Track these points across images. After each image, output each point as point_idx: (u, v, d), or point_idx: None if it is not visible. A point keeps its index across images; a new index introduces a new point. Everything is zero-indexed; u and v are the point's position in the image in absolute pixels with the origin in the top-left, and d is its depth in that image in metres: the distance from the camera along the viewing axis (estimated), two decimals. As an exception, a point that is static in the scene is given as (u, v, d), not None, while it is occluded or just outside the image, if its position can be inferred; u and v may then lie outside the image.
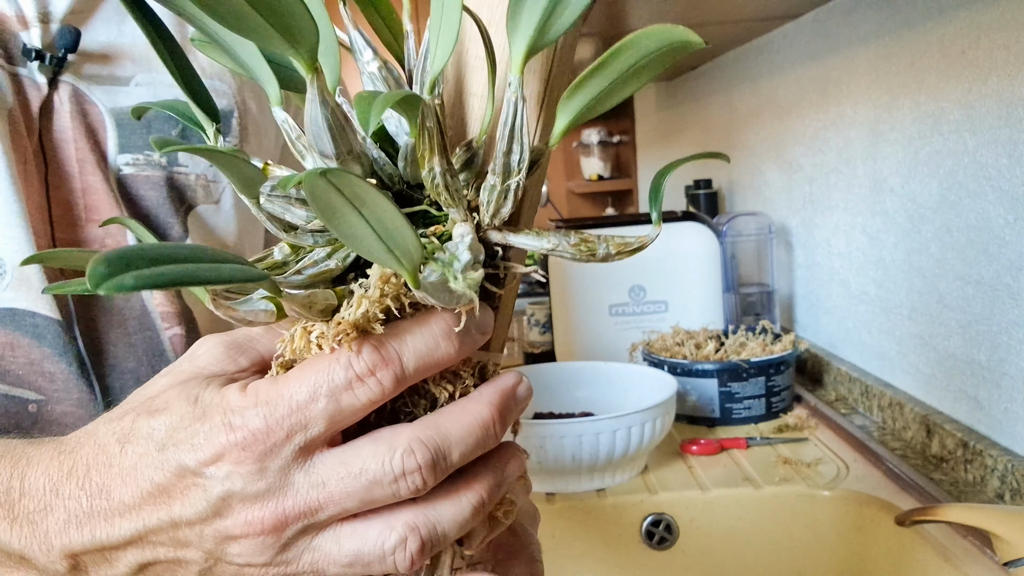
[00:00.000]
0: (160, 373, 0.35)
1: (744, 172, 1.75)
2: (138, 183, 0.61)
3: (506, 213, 0.31)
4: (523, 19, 0.27)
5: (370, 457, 0.31)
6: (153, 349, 0.60)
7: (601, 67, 0.27)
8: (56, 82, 0.58)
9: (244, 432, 0.30)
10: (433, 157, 0.30)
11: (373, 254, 0.27)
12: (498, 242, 0.32)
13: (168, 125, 0.62)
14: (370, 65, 0.33)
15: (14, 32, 0.57)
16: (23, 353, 0.55)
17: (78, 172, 0.58)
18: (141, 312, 0.60)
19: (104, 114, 0.60)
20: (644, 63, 0.27)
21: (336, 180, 0.24)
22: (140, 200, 0.61)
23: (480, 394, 0.33)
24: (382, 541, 0.32)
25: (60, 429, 0.57)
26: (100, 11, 0.61)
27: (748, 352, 1.24)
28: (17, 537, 0.35)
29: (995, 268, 0.90)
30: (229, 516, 0.31)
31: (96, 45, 0.60)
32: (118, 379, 0.59)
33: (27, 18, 0.57)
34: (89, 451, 0.34)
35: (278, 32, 0.26)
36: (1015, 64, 0.84)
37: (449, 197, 0.30)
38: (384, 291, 0.30)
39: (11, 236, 0.55)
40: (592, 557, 1.01)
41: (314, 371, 0.31)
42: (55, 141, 0.58)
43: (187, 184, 0.63)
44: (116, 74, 0.61)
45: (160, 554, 0.33)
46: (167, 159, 0.62)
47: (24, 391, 0.56)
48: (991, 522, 0.64)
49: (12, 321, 0.55)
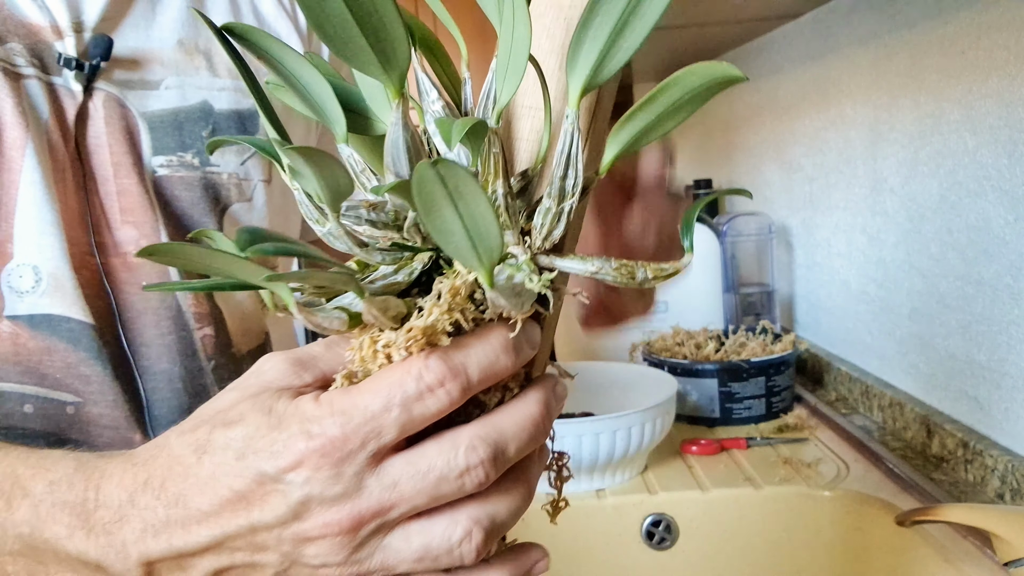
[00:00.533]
0: (227, 388, 0.37)
1: (744, 172, 1.75)
2: (173, 184, 0.62)
3: (558, 235, 0.34)
4: (580, 63, 0.31)
5: (436, 456, 0.33)
6: (186, 349, 0.62)
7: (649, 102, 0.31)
8: (91, 89, 0.59)
9: (322, 439, 0.32)
10: (496, 180, 0.33)
11: (459, 251, 0.29)
12: (546, 265, 0.34)
13: (199, 127, 0.63)
14: (435, 104, 0.36)
15: (49, 42, 0.58)
16: (60, 357, 0.57)
17: (113, 175, 0.60)
18: (176, 312, 0.61)
19: (137, 117, 0.61)
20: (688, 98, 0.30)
21: (444, 171, 0.26)
22: (175, 201, 0.62)
23: (528, 395, 0.36)
24: (448, 535, 0.34)
25: (97, 430, 0.58)
26: (129, 17, 0.62)
27: (748, 352, 1.24)
28: (94, 547, 0.36)
29: (995, 268, 0.90)
30: (308, 519, 0.33)
31: (126, 51, 0.61)
32: (151, 380, 0.60)
33: (61, 28, 0.58)
34: (164, 462, 0.35)
35: (377, 56, 0.30)
36: (1015, 64, 0.84)
37: (508, 219, 0.33)
38: (452, 304, 0.32)
39: (45, 244, 0.56)
40: (592, 557, 1.01)
41: (387, 383, 0.32)
42: (90, 147, 0.59)
43: (220, 183, 0.64)
44: (146, 78, 0.62)
45: (237, 559, 0.35)
46: (199, 159, 0.63)
47: (62, 393, 0.57)
48: (991, 522, 0.64)
49: (48, 326, 0.56)
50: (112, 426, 0.58)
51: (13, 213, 0.56)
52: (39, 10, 0.58)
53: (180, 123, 0.62)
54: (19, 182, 0.56)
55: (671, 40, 1.52)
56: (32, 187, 0.56)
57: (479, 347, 0.33)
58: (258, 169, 0.66)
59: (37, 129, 0.56)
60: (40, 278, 0.56)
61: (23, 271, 0.56)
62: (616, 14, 0.29)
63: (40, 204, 0.56)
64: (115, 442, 0.59)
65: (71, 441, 0.58)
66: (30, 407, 0.56)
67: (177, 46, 0.63)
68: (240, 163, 0.65)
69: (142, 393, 0.60)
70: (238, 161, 0.65)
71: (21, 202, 0.56)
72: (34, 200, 0.56)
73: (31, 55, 0.57)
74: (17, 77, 0.56)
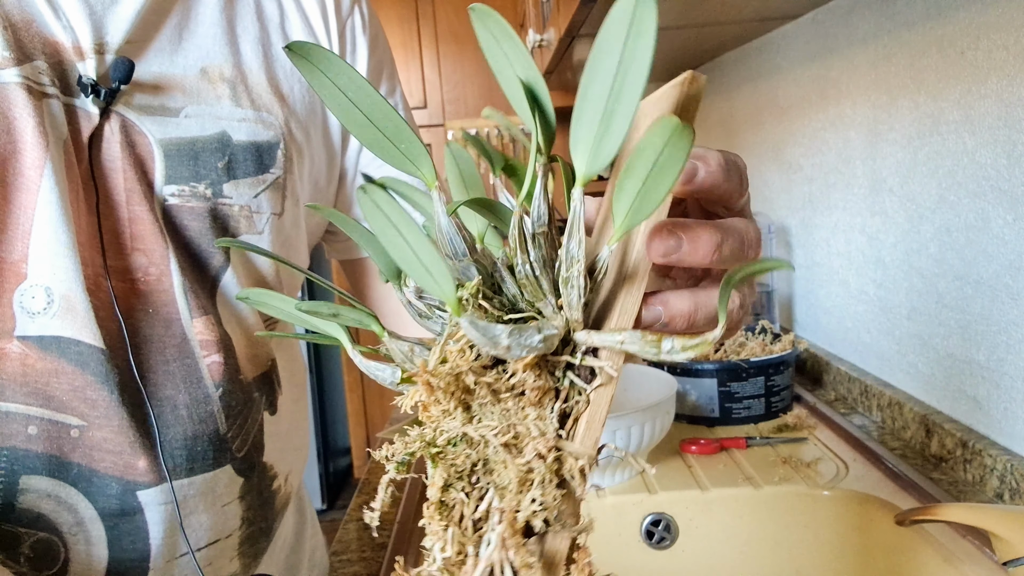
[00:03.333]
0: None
1: (744, 172, 1.75)
2: (182, 213, 0.61)
3: (574, 301, 0.34)
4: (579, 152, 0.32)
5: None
6: (191, 376, 0.61)
7: (628, 172, 0.31)
8: (107, 112, 0.58)
9: None
10: (524, 253, 0.34)
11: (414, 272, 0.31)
12: (583, 341, 0.35)
13: (215, 157, 0.62)
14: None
15: (71, 62, 0.57)
16: (67, 380, 0.56)
17: (125, 201, 0.59)
18: (181, 340, 0.61)
19: (153, 145, 0.60)
20: (665, 156, 0.31)
21: (373, 196, 0.29)
22: (184, 230, 0.61)
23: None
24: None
25: (100, 454, 0.58)
26: (155, 42, 0.61)
27: (748, 352, 1.25)
28: None
29: (994, 268, 0.90)
30: None
31: (149, 76, 0.61)
32: (156, 406, 0.60)
33: (83, 49, 0.58)
34: None
35: (407, 158, 0.35)
36: (1015, 64, 0.84)
37: (535, 290, 0.35)
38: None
39: (59, 266, 0.56)
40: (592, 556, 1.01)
41: None
42: (104, 170, 0.59)
43: (230, 215, 0.63)
44: (167, 105, 0.61)
45: None
46: (212, 190, 0.62)
47: (67, 416, 0.57)
48: (990, 522, 0.64)
49: (58, 348, 0.56)
50: (116, 451, 0.58)
51: (29, 233, 0.55)
52: (63, 29, 0.57)
53: (196, 153, 0.61)
54: (36, 203, 0.55)
55: (671, 40, 1.52)
56: (48, 207, 0.55)
57: None
58: (271, 202, 0.65)
59: (57, 149, 0.56)
60: (52, 299, 0.56)
61: (36, 292, 0.55)
62: (601, 106, 0.30)
63: (56, 225, 0.55)
64: (117, 467, 0.58)
65: (73, 464, 0.57)
66: (34, 428, 0.56)
67: (200, 74, 0.63)
68: (254, 196, 0.64)
69: (152, 419, 0.59)
70: (252, 194, 0.64)
71: (37, 223, 0.55)
72: (50, 221, 0.55)
73: (55, 74, 0.56)
74: (41, 96, 0.56)
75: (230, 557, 0.65)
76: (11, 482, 0.56)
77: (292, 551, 0.77)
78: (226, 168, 0.62)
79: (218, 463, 0.63)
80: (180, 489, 0.61)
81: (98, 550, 0.59)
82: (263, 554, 0.70)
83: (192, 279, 0.61)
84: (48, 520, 0.57)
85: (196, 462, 0.61)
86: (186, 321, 0.61)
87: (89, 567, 0.58)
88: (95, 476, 0.58)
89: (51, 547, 0.57)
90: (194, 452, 0.61)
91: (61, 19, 0.57)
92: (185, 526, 0.61)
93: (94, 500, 0.58)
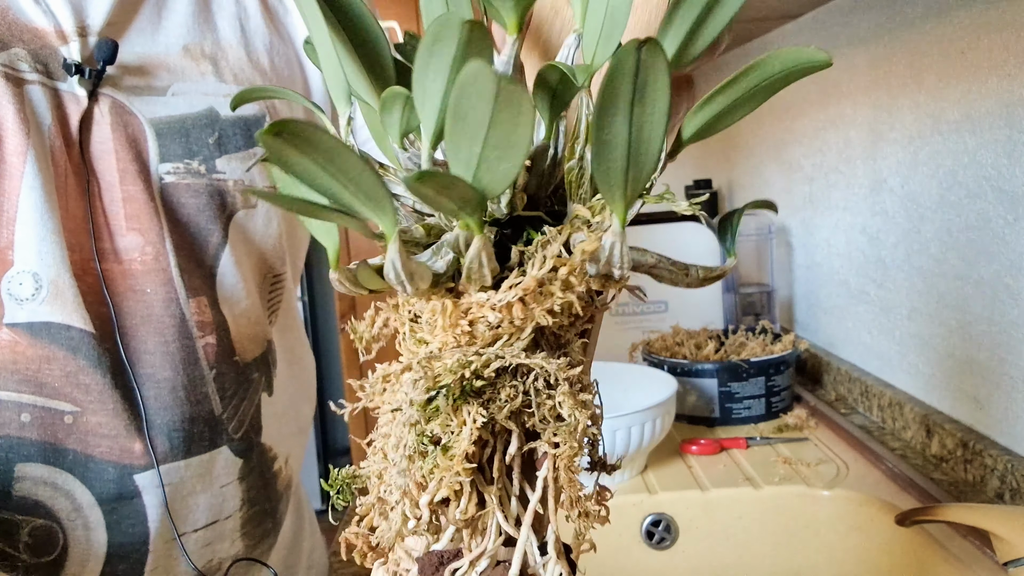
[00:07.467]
0: None
1: (744, 172, 1.75)
2: (179, 191, 0.62)
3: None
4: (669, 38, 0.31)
5: None
6: (188, 358, 0.61)
7: (727, 88, 0.30)
8: (96, 95, 0.59)
9: None
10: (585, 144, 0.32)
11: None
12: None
13: (205, 133, 0.62)
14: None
15: (54, 47, 0.58)
16: (59, 366, 0.56)
17: (119, 182, 0.59)
18: (180, 321, 0.61)
19: (144, 124, 0.61)
20: (766, 84, 0.30)
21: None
22: (181, 208, 0.62)
23: None
24: None
25: (95, 439, 0.58)
26: (135, 22, 0.62)
27: (748, 352, 1.25)
28: None
29: (995, 268, 0.90)
30: None
31: (132, 56, 0.61)
32: (152, 388, 0.60)
33: (66, 32, 0.58)
34: None
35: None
36: (1015, 64, 0.84)
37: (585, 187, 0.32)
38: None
39: (46, 251, 0.56)
40: (591, 556, 1.01)
41: None
42: (96, 153, 0.59)
43: (226, 190, 0.64)
44: (153, 84, 0.62)
45: None
46: (206, 166, 0.62)
47: (60, 403, 0.57)
48: (991, 522, 0.64)
49: (48, 334, 0.56)
50: (111, 435, 0.58)
51: (14, 220, 0.55)
52: (43, 14, 0.57)
53: (187, 130, 0.62)
54: (20, 189, 0.55)
55: (671, 40, 1.52)
56: (33, 193, 0.55)
57: None
58: (263, 176, 0.65)
59: (39, 135, 0.56)
60: (40, 285, 0.56)
61: (23, 278, 0.56)
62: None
63: (41, 211, 0.55)
64: (113, 452, 0.58)
65: (69, 451, 0.57)
66: (27, 416, 0.56)
67: (183, 51, 0.63)
68: (245, 170, 0.65)
69: (139, 401, 0.59)
70: (243, 168, 0.64)
71: (22, 209, 0.55)
72: (35, 207, 0.55)
73: (35, 60, 0.57)
74: (20, 83, 0.56)
75: (231, 539, 0.66)
76: (6, 470, 0.56)
77: (289, 551, 0.77)
78: (217, 143, 0.63)
79: (214, 444, 0.63)
80: (176, 471, 0.61)
81: (97, 535, 0.59)
82: (270, 536, 0.70)
83: (187, 259, 0.61)
84: (46, 507, 0.57)
85: (192, 443, 0.61)
86: (183, 301, 0.61)
87: (88, 552, 0.59)
88: (91, 461, 0.58)
89: (50, 533, 0.58)
90: (190, 433, 0.61)
91: (40, 4, 0.57)
92: (182, 507, 0.62)
93: (91, 485, 0.58)
